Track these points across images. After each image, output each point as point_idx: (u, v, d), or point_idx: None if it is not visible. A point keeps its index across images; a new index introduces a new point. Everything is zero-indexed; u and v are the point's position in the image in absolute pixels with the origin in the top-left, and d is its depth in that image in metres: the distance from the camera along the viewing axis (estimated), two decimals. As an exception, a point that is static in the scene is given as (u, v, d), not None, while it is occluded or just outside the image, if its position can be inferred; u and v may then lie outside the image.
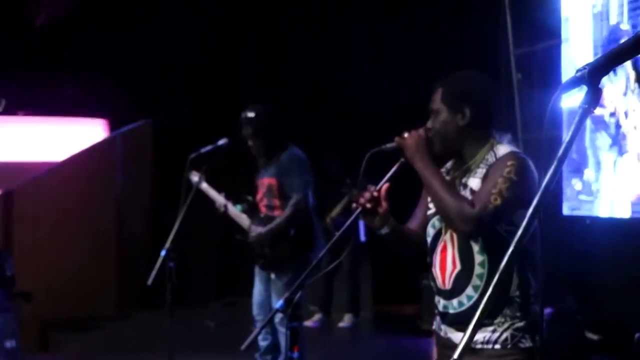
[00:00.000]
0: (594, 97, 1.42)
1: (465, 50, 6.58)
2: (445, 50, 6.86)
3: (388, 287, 7.79)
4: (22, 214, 7.82)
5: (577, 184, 5.65)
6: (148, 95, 8.96)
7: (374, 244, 6.81)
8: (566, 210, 5.75)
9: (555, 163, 1.41)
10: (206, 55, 9.08)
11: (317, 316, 7.53)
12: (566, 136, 1.42)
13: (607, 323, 5.41)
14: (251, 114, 4.88)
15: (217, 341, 6.98)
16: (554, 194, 5.43)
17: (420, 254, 2.84)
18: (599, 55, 1.72)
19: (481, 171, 2.61)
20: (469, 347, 1.41)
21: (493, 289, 1.42)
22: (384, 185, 2.64)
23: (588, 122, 5.13)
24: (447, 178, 2.70)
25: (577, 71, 1.41)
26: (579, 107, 1.42)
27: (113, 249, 8.38)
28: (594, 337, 5.32)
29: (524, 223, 1.44)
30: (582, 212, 5.63)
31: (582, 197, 5.58)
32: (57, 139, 9.04)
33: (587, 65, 1.41)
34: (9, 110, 8.93)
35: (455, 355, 1.38)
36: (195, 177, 4.93)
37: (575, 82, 1.43)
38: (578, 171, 5.58)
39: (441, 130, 2.66)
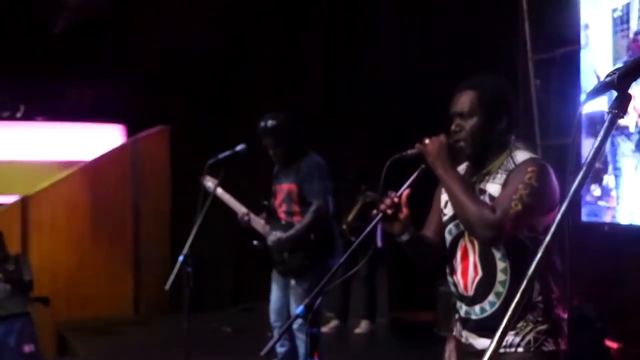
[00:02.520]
0: (624, 102, 1.39)
1: (483, 55, 6.55)
2: (463, 55, 6.83)
3: (404, 294, 7.75)
4: (39, 219, 7.86)
5: (595, 190, 5.59)
6: (165, 101, 8.99)
7: (391, 250, 6.78)
8: (585, 217, 5.69)
9: (584, 169, 1.39)
10: (223, 60, 9.10)
11: (334, 322, 7.51)
12: (595, 142, 1.39)
13: (627, 331, 5.36)
14: (271, 124, 4.85)
15: (233, 346, 6.98)
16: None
17: (438, 264, 2.81)
18: (626, 60, 1.70)
19: (500, 177, 2.59)
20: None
21: (520, 297, 1.40)
22: (404, 192, 2.62)
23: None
24: None
25: (607, 76, 1.39)
26: (608, 112, 1.39)
27: (130, 254, 8.40)
28: (614, 345, 5.26)
29: (552, 230, 1.41)
30: (601, 218, 5.57)
31: (601, 203, 5.53)
32: (74, 144, 9.08)
33: (616, 70, 1.39)
34: (27, 116, 8.99)
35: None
36: (209, 182, 4.88)
37: (604, 87, 1.40)
38: (597, 177, 5.52)
39: (474, 135, 2.61)
